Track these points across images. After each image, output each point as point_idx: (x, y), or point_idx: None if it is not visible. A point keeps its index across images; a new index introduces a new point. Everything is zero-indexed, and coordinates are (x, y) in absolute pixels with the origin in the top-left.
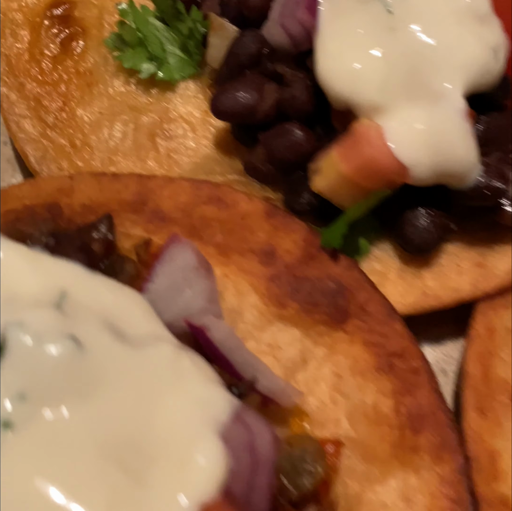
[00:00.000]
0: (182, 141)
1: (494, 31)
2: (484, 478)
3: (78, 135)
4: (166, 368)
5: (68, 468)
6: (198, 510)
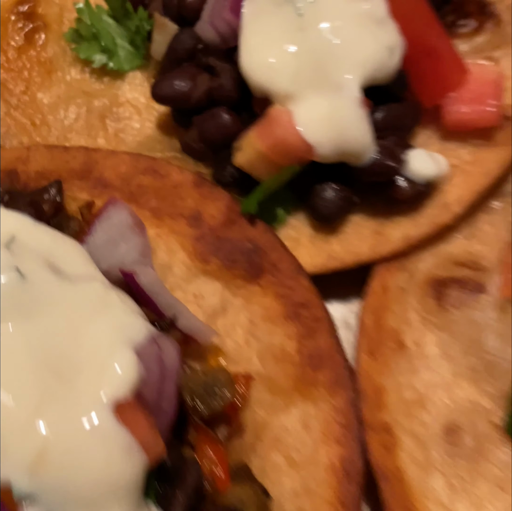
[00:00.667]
0: (128, 122)
1: (390, 33)
2: (370, 408)
3: (38, 115)
4: (96, 299)
5: (8, 370)
6: (113, 406)
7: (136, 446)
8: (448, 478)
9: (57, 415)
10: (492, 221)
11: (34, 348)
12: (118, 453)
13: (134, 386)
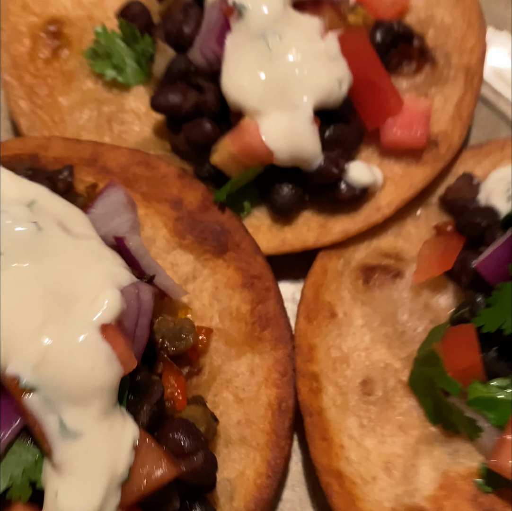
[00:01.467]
0: (130, 126)
1: (340, 68)
2: (303, 361)
3: (57, 114)
4: (93, 252)
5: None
6: (100, 327)
7: (115, 358)
8: (360, 419)
9: (57, 330)
10: (416, 225)
11: (42, 281)
12: (101, 362)
13: (117, 315)
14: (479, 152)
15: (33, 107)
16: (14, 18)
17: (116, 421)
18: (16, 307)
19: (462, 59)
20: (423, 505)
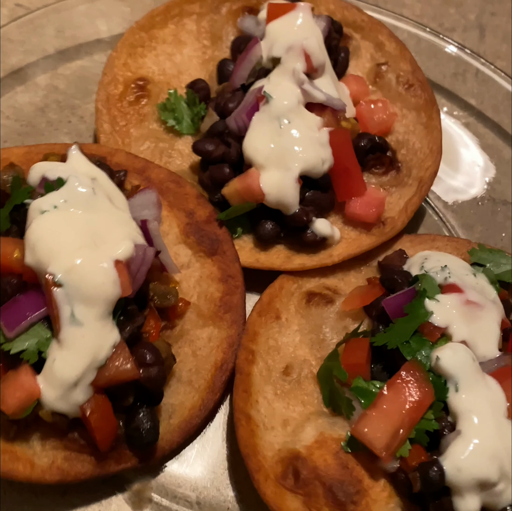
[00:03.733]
0: (174, 160)
1: (326, 152)
2: (247, 339)
3: (127, 139)
4: (123, 219)
5: (70, 228)
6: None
7: (118, 283)
8: (276, 389)
9: (87, 254)
10: (357, 277)
11: (87, 224)
12: (109, 281)
13: (127, 257)
14: (415, 239)
15: (112, 130)
16: (116, 70)
17: (107, 325)
18: (66, 233)
19: (419, 173)
20: (300, 450)
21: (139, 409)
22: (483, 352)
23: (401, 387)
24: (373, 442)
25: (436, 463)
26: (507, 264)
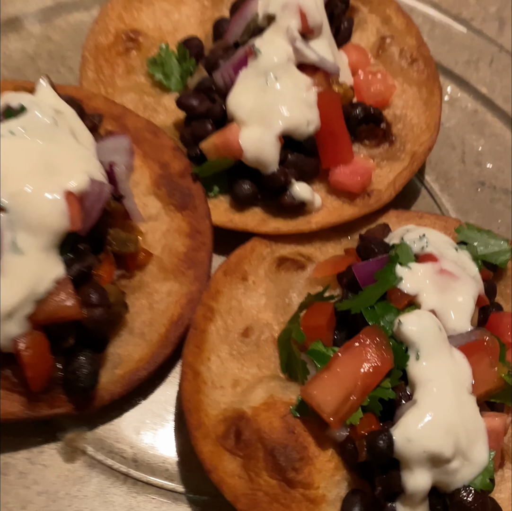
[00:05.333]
0: (158, 114)
1: (312, 113)
2: (208, 296)
3: (110, 89)
4: (85, 155)
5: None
6: (66, 192)
7: (67, 215)
8: (232, 350)
9: (37, 182)
10: (335, 248)
11: (43, 154)
12: (57, 212)
13: (80, 191)
14: (401, 215)
15: (96, 79)
16: (108, 20)
17: (50, 258)
18: (19, 159)
19: (413, 148)
20: (246, 410)
21: (80, 353)
22: (453, 325)
23: (358, 351)
24: (321, 405)
25: (385, 432)
26: (495, 246)
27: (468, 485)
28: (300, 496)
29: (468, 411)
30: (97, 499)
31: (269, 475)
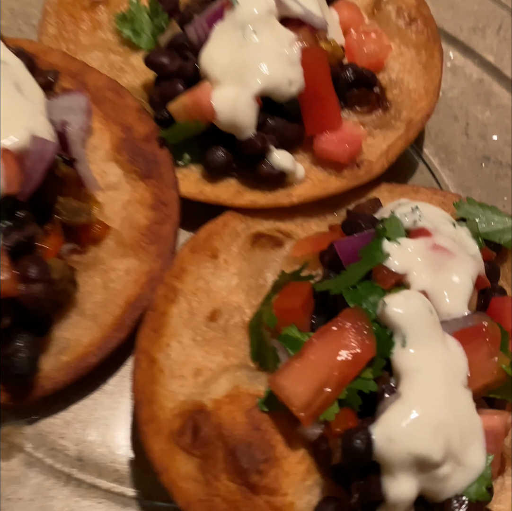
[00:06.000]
0: (126, 74)
1: (295, 72)
2: (171, 275)
3: (73, 46)
4: (30, 110)
5: None
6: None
7: (3, 176)
8: (196, 335)
9: None
10: (319, 225)
11: None
12: None
13: (19, 148)
14: (395, 189)
15: (57, 34)
16: None
17: None
18: None
19: (409, 115)
20: (206, 403)
21: (17, 335)
22: (447, 309)
23: (336, 336)
24: (291, 397)
25: (363, 430)
26: (499, 223)
27: (461, 494)
28: (264, 503)
29: (462, 408)
30: (34, 502)
31: (229, 479)
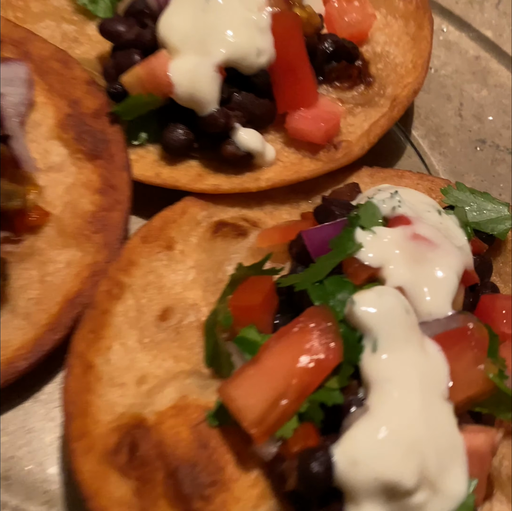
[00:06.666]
0: (79, 45)
1: (264, 40)
2: (117, 268)
3: (21, 14)
4: None
5: None
6: None
7: None
8: (143, 337)
9: None
10: (291, 212)
11: None
12: None
13: None
14: (377, 174)
15: (3, 1)
16: None
17: None
18: None
19: (395, 91)
20: (148, 417)
21: None
22: (427, 308)
23: (296, 338)
24: (242, 411)
25: (323, 450)
26: (492, 211)
27: None
28: None
29: (441, 424)
30: None
31: (169, 505)
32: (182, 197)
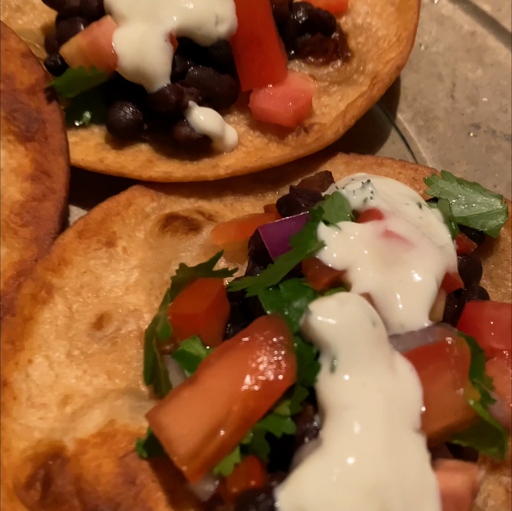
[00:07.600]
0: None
1: (224, 6)
2: (46, 267)
3: None
4: None
5: None
6: None
7: None
8: (72, 349)
9: None
10: (255, 204)
11: None
12: None
13: None
14: (353, 161)
15: None
16: None
17: None
18: None
19: (376, 68)
20: (68, 445)
21: None
22: (400, 318)
23: (241, 355)
24: (173, 442)
25: (266, 493)
26: (482, 205)
27: None
28: None
29: (409, 462)
30: None
31: None
32: (129, 186)
